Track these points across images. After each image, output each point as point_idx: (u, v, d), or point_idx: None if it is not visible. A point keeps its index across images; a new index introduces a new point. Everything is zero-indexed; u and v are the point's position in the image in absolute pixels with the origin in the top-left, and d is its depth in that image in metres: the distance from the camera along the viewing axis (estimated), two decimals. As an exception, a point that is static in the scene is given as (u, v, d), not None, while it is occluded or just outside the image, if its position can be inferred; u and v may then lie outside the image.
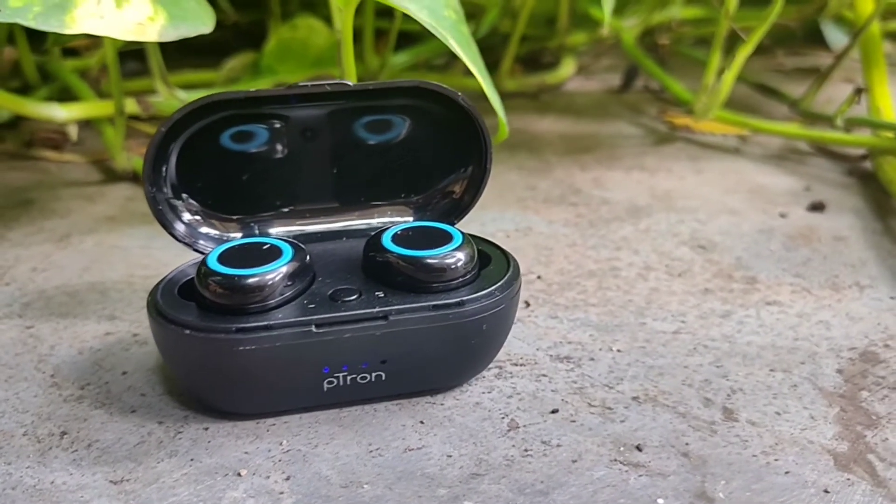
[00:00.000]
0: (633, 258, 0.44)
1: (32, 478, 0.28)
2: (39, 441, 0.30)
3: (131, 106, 0.57)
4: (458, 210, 0.36)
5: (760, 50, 0.86)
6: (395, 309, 0.30)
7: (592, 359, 0.35)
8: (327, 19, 0.73)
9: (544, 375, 0.34)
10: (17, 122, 0.63)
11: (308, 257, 0.32)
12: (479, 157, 0.35)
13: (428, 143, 0.36)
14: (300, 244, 0.32)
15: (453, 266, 0.31)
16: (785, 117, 0.67)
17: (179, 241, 0.34)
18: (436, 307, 0.30)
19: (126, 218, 0.49)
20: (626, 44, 0.74)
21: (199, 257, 0.33)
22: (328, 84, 0.33)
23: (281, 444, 0.30)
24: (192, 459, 0.29)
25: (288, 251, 0.31)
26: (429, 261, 0.31)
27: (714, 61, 0.60)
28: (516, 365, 0.35)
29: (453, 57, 0.81)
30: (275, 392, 0.31)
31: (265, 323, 0.29)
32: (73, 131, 0.59)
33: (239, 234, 0.35)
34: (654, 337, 0.37)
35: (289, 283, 0.30)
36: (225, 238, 0.34)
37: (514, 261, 0.33)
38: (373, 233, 0.35)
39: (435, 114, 0.35)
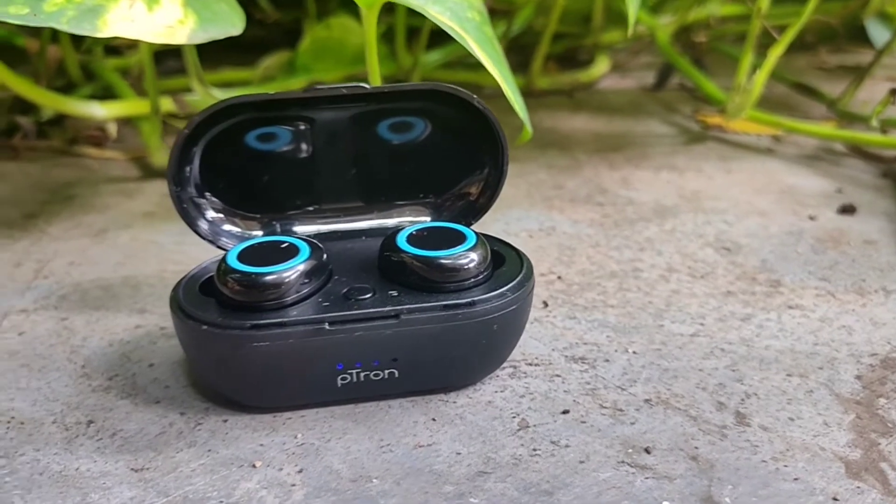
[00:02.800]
0: (655, 259, 0.44)
1: (59, 464, 0.30)
2: (67, 429, 0.32)
3: (168, 104, 0.59)
4: (474, 211, 0.37)
5: (804, 47, 0.85)
6: (407, 308, 0.31)
7: (607, 360, 0.35)
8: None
9: (558, 376, 0.34)
10: (61, 119, 0.65)
11: (325, 256, 0.33)
12: (495, 159, 0.36)
13: (445, 144, 0.36)
14: (318, 243, 0.33)
15: (466, 266, 0.32)
16: (822, 117, 0.66)
17: (203, 238, 0.35)
18: (447, 307, 0.31)
19: (162, 214, 0.51)
20: (660, 42, 0.74)
21: (222, 254, 0.35)
22: (345, 87, 0.33)
23: (296, 437, 0.31)
24: (209, 450, 0.30)
25: (305, 250, 0.32)
26: (442, 261, 0.32)
27: (746, 60, 0.59)
28: (531, 365, 0.35)
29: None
30: (289, 387, 0.31)
31: (279, 320, 0.30)
32: (112, 129, 0.61)
33: (261, 233, 0.36)
34: (671, 339, 0.37)
35: (305, 281, 0.31)
36: (247, 236, 0.35)
37: (528, 261, 0.34)
38: (389, 232, 0.36)
39: (452, 116, 0.35)
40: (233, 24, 0.45)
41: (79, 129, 0.64)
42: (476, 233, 0.33)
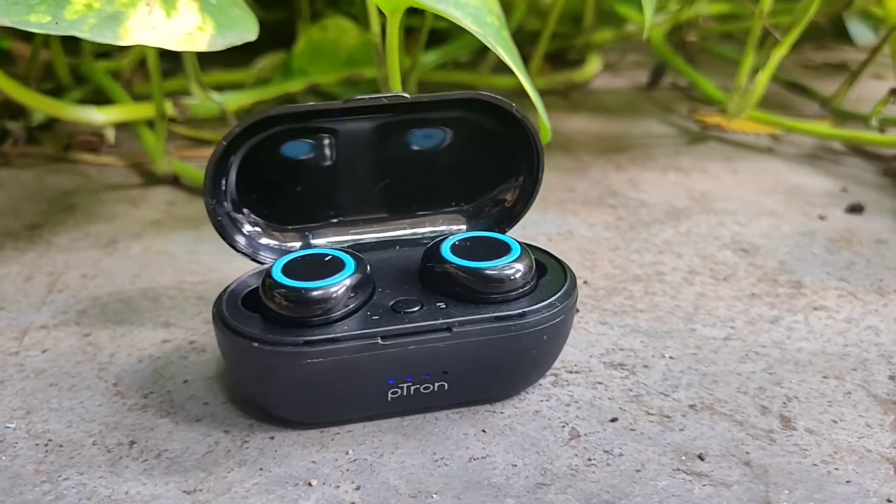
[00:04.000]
0: (676, 262, 0.44)
1: (106, 488, 0.29)
2: (109, 450, 0.31)
3: (166, 108, 0.58)
4: (509, 218, 0.37)
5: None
6: (458, 321, 0.30)
7: (646, 366, 0.36)
8: (356, 19, 0.74)
9: (600, 383, 0.34)
10: (51, 124, 0.64)
11: (369, 268, 0.32)
12: (530, 167, 0.36)
13: (480, 152, 0.36)
14: (361, 255, 0.32)
15: (513, 277, 0.32)
16: (816, 115, 0.67)
17: (240, 252, 0.34)
18: (498, 318, 0.31)
19: (170, 222, 0.50)
20: (654, 41, 0.74)
21: (258, 267, 0.34)
22: (385, 97, 0.33)
23: (347, 453, 0.31)
24: (261, 469, 0.30)
25: (350, 263, 0.31)
26: (490, 272, 0.31)
27: (747, 61, 0.60)
28: (571, 372, 0.35)
29: (479, 55, 0.82)
30: (340, 402, 0.31)
31: (332, 336, 0.29)
32: (110, 134, 0.60)
33: (297, 244, 0.35)
34: (705, 343, 0.37)
35: (352, 294, 0.31)
36: (285, 249, 0.35)
37: (571, 271, 0.34)
38: (429, 242, 0.36)
39: (488, 124, 0.35)
40: (248, 29, 0.44)
41: (72, 134, 0.62)
42: (520, 242, 0.33)
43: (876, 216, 0.50)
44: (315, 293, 0.30)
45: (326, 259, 0.32)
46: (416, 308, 0.31)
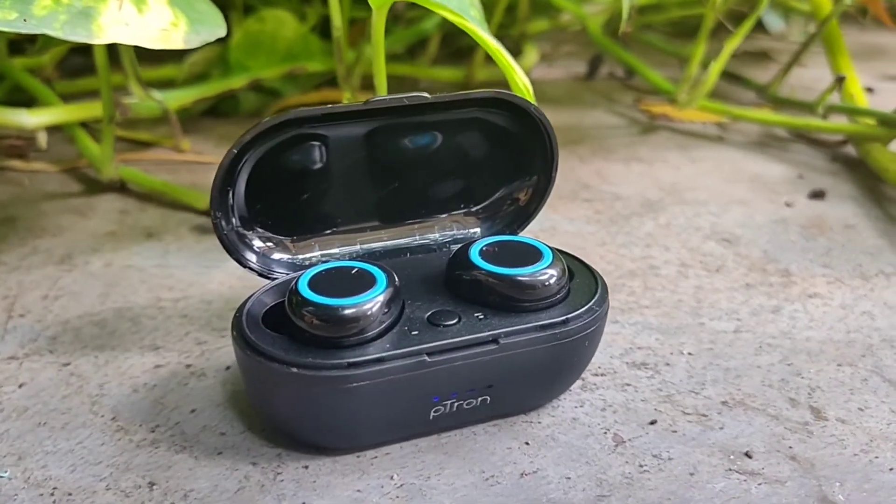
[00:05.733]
0: (666, 255, 0.45)
1: (135, 539, 0.26)
2: (127, 495, 0.28)
3: (97, 109, 0.54)
4: (521, 218, 0.36)
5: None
6: (504, 332, 0.29)
7: (668, 364, 0.35)
8: (293, 10, 0.70)
9: (628, 384, 0.34)
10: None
11: (398, 280, 0.30)
12: (545, 166, 0.35)
13: (494, 152, 0.35)
14: (387, 267, 0.31)
15: (549, 283, 0.31)
16: (752, 103, 0.69)
17: (248, 268, 0.32)
18: (542, 327, 0.30)
19: (128, 233, 0.46)
20: (592, 32, 0.75)
21: (266, 283, 0.32)
22: (406, 97, 0.31)
23: (391, 478, 0.29)
24: (303, 503, 0.28)
25: (381, 276, 0.30)
26: (528, 279, 0.30)
27: (699, 51, 0.61)
28: (597, 375, 0.34)
29: (419, 47, 0.80)
30: (381, 425, 0.29)
31: (378, 356, 0.28)
32: (42, 138, 0.54)
33: (309, 256, 0.33)
34: (718, 337, 0.37)
35: (386, 310, 0.29)
36: (296, 262, 0.33)
37: (599, 273, 0.33)
38: (441, 247, 0.34)
39: (502, 123, 0.34)
40: (217, 24, 0.41)
41: (-7, 138, 0.57)
42: (549, 246, 0.32)
43: (838, 202, 0.52)
44: (352, 310, 0.28)
45: (354, 272, 0.30)
46: (455, 321, 0.30)
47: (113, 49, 0.51)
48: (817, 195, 0.52)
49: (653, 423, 0.32)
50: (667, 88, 0.66)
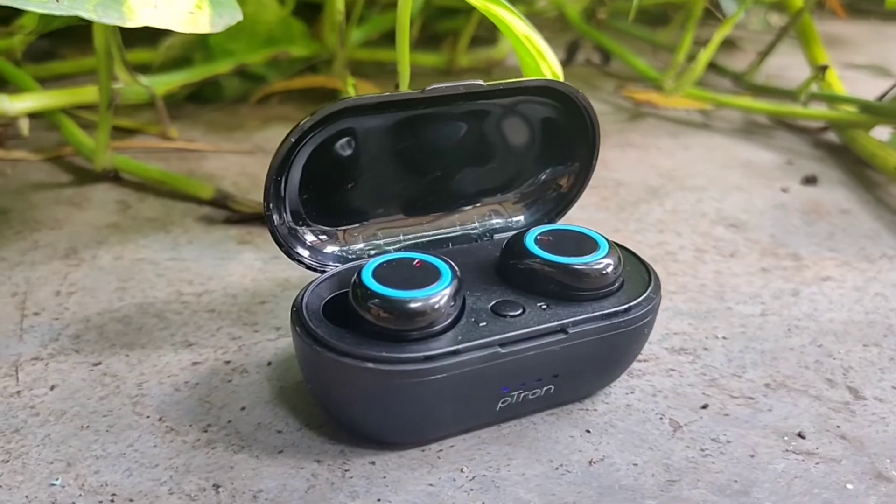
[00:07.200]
0: (680, 241, 0.45)
1: (212, 543, 0.25)
2: (193, 499, 0.27)
3: (85, 94, 0.51)
4: (562, 205, 0.36)
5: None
6: (572, 321, 0.29)
7: (706, 348, 0.36)
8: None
9: (673, 370, 0.34)
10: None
11: (459, 272, 0.30)
12: (587, 153, 0.35)
13: (538, 139, 0.35)
14: (448, 259, 0.30)
15: (607, 272, 0.31)
16: (728, 90, 0.71)
17: (301, 263, 0.31)
18: (607, 316, 0.30)
19: (131, 225, 0.44)
20: (572, 18, 0.75)
21: (314, 275, 0.31)
22: (463, 85, 0.31)
23: (462, 471, 0.29)
24: (378, 500, 0.27)
25: (444, 268, 0.29)
26: (588, 268, 0.30)
27: (687, 40, 0.62)
28: (641, 361, 0.35)
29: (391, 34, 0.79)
30: (451, 418, 0.29)
31: (453, 348, 0.27)
32: (24, 126, 0.52)
33: (358, 247, 0.32)
34: (747, 321, 0.38)
35: (453, 302, 0.29)
36: (349, 255, 0.32)
37: (647, 262, 0.33)
38: (481, 237, 0.34)
39: (546, 111, 0.34)
40: (235, 8, 0.39)
41: (-35, 126, 0.54)
42: (602, 235, 0.32)
43: (830, 187, 0.54)
44: (423, 303, 0.27)
45: (416, 264, 0.29)
46: (519, 311, 0.30)
47: (88, 32, 0.49)
48: (810, 181, 0.54)
49: (704, 407, 0.32)
50: (652, 76, 0.67)
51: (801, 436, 0.31)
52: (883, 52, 0.92)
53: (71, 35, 0.51)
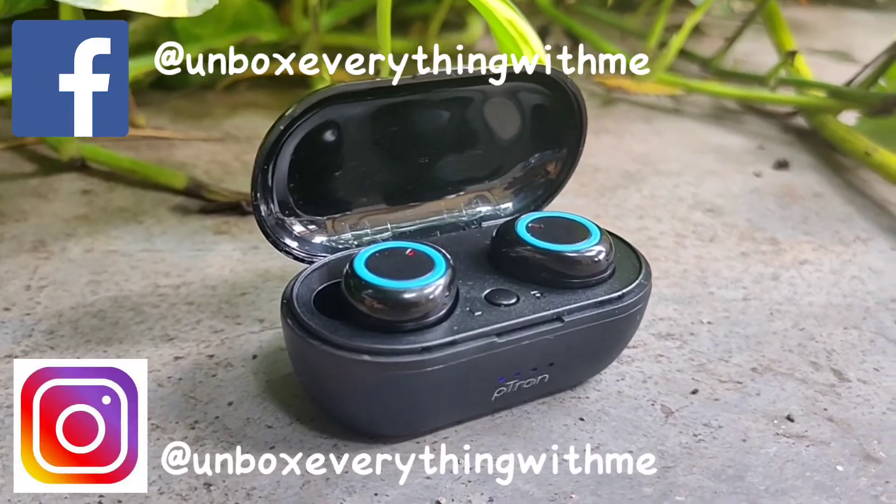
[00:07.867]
0: (659, 226, 0.45)
1: (207, 544, 0.25)
2: (184, 499, 0.26)
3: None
4: (549, 191, 0.36)
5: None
6: (567, 310, 0.29)
7: (692, 333, 0.36)
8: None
9: (661, 356, 0.35)
10: None
11: (452, 260, 0.29)
12: (575, 139, 0.35)
13: (525, 125, 0.34)
14: (438, 246, 0.30)
15: (599, 259, 0.30)
16: (696, 76, 0.71)
17: (288, 254, 0.30)
18: (601, 303, 0.29)
19: (101, 216, 0.43)
20: (542, 4, 0.75)
21: (306, 267, 0.30)
22: (455, 70, 0.30)
23: (458, 462, 0.28)
24: (376, 494, 0.27)
25: (437, 257, 0.29)
26: (581, 255, 0.30)
27: (659, 25, 0.62)
28: (629, 347, 0.35)
29: (363, 18, 0.78)
30: (446, 409, 0.29)
31: (450, 339, 0.27)
32: (-16, 113, 0.50)
33: (345, 237, 0.32)
34: (730, 306, 0.38)
35: (447, 292, 0.28)
36: (337, 244, 0.31)
37: (637, 249, 0.33)
38: (469, 225, 0.34)
39: (534, 97, 0.34)
40: (209, -10, 0.38)
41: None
42: (593, 222, 0.32)
43: (801, 171, 0.54)
44: (418, 293, 0.27)
45: (409, 254, 0.29)
46: (514, 300, 0.29)
47: (52, 17, 0.47)
48: (782, 165, 0.54)
49: (694, 392, 0.32)
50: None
51: (790, 419, 0.31)
52: (842, 37, 0.93)
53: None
